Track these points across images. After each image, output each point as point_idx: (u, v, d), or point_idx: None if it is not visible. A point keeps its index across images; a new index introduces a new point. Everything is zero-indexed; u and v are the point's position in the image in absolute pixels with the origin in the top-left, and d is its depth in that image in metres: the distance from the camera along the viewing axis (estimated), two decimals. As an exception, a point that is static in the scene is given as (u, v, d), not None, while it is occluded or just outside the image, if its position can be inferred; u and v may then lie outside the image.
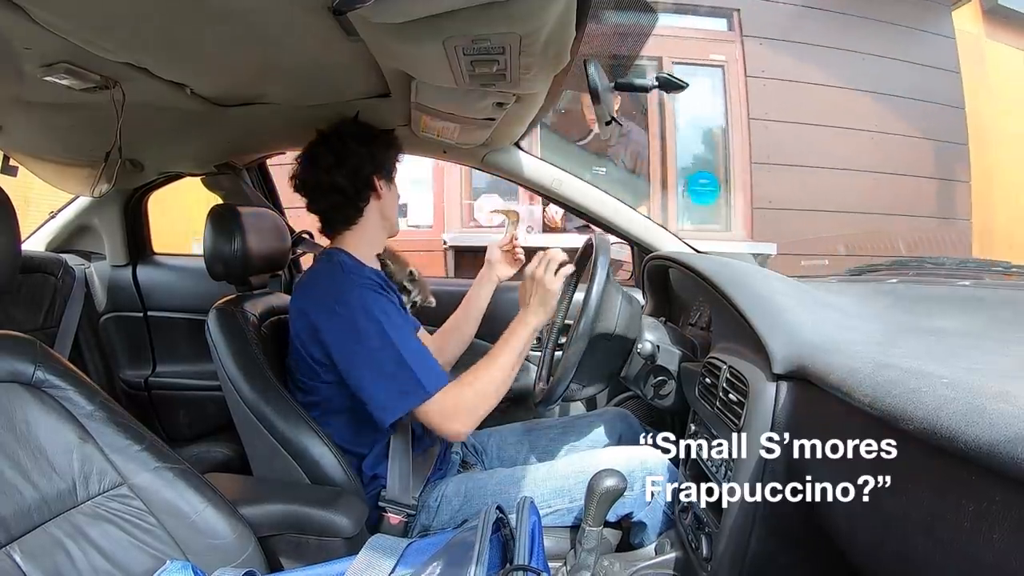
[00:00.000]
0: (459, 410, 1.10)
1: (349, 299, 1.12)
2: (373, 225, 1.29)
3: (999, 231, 3.88)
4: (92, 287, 2.01)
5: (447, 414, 1.09)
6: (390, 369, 1.08)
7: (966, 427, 0.47)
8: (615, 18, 2.04)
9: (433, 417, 1.09)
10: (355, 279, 1.16)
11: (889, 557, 0.60)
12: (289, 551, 1.03)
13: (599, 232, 1.72)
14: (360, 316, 1.11)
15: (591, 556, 1.07)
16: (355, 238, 1.28)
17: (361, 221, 1.27)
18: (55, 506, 0.82)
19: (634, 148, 3.59)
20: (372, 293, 1.14)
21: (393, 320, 1.12)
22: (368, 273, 1.20)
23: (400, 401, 1.08)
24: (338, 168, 1.23)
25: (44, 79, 1.03)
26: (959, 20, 3.85)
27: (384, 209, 1.29)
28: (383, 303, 1.14)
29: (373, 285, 1.16)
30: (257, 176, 2.04)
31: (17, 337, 0.86)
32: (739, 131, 3.67)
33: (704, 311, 1.41)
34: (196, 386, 2.00)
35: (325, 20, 0.85)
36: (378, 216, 1.29)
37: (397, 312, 1.16)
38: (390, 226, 1.33)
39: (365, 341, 1.10)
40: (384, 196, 1.28)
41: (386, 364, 1.09)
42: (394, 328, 1.11)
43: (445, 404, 1.09)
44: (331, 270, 1.20)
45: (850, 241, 3.56)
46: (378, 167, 1.26)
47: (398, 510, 1.17)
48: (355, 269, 1.20)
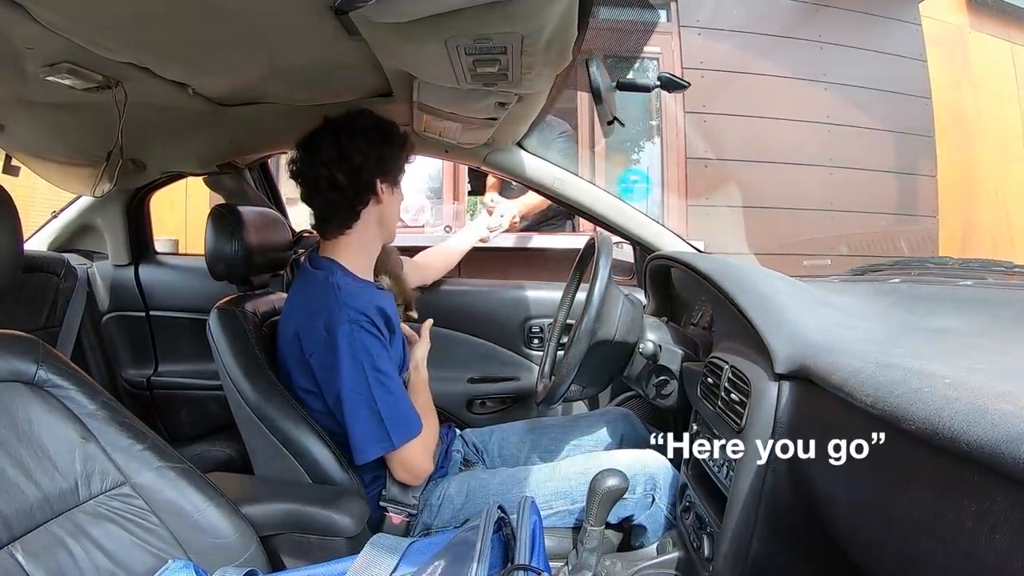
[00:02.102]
0: (428, 451, 1.17)
1: (338, 335, 1.11)
2: (370, 232, 1.24)
3: (984, 229, 3.77)
4: (94, 287, 2.01)
5: (423, 458, 1.16)
6: (364, 413, 1.10)
7: (968, 427, 0.47)
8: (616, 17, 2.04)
9: (411, 460, 1.15)
10: (348, 313, 1.11)
11: (891, 557, 0.60)
12: (291, 550, 1.03)
13: (601, 231, 1.72)
14: (346, 356, 1.10)
15: (593, 556, 1.07)
16: (350, 245, 1.23)
17: (357, 226, 1.22)
18: (57, 505, 0.82)
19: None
20: (361, 331, 1.11)
21: (376, 364, 1.11)
22: (361, 304, 1.14)
23: (369, 446, 1.11)
24: (339, 164, 1.17)
25: (46, 79, 1.03)
26: (942, 10, 3.73)
27: (383, 215, 1.24)
28: (368, 343, 1.11)
29: (364, 321, 1.12)
30: (259, 175, 2.05)
31: (19, 336, 0.86)
32: (672, 125, 3.50)
33: (706, 311, 1.41)
34: (198, 385, 2.01)
35: (327, 20, 0.85)
36: (375, 222, 1.23)
37: (382, 350, 1.13)
38: (388, 234, 1.28)
39: (345, 382, 1.10)
40: (385, 201, 1.22)
41: (361, 409, 1.10)
42: (375, 374, 1.10)
43: (411, 456, 1.14)
44: (325, 293, 1.15)
45: (820, 243, 3.48)
46: (383, 169, 1.21)
47: (399, 509, 1.17)
48: (349, 298, 1.14)
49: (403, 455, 1.13)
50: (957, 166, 3.70)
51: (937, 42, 3.66)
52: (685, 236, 1.76)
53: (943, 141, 3.63)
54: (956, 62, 3.78)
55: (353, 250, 1.23)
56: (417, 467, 1.15)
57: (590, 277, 1.20)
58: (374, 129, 1.20)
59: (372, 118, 1.22)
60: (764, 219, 3.43)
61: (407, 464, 1.14)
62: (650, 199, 3.53)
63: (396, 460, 1.14)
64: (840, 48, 3.51)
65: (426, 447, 1.16)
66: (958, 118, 3.72)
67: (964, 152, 3.74)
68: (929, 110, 3.60)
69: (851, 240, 3.51)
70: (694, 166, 3.45)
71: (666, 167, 3.50)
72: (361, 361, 1.09)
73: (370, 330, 1.12)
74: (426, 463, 1.16)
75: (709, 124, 3.44)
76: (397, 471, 1.15)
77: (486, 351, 1.94)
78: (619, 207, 1.72)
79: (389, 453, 1.12)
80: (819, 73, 3.49)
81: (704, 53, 3.43)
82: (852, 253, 3.50)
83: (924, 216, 3.67)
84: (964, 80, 3.78)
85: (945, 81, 3.68)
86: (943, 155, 3.64)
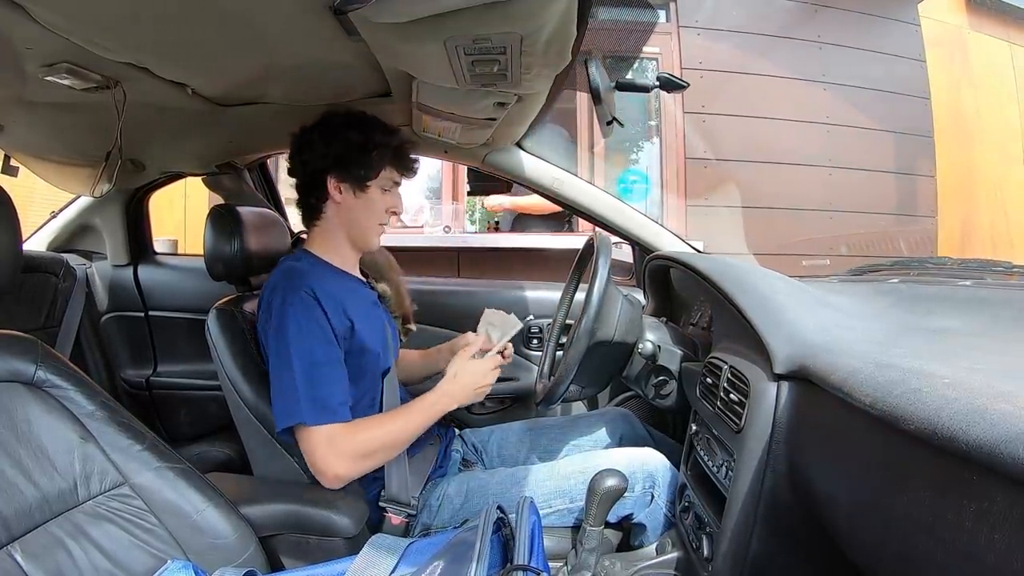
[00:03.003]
0: (344, 452, 1.06)
1: (278, 305, 1.10)
2: (335, 230, 1.23)
3: (983, 229, 3.76)
4: (93, 287, 2.01)
5: (331, 451, 1.05)
6: (284, 385, 1.06)
7: (967, 427, 0.47)
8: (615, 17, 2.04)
9: (316, 448, 1.05)
10: (296, 284, 1.10)
11: (890, 557, 0.60)
12: (290, 551, 1.03)
13: (600, 231, 1.72)
14: (277, 326, 1.08)
15: (592, 556, 1.07)
16: (319, 238, 1.24)
17: (321, 223, 1.23)
18: (56, 505, 0.82)
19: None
20: (299, 305, 1.08)
21: (306, 338, 1.07)
22: (309, 281, 1.11)
23: (283, 417, 1.06)
24: (297, 156, 1.21)
25: (45, 79, 1.03)
26: (940, 10, 3.72)
27: (347, 218, 1.21)
28: (304, 318, 1.08)
29: (303, 294, 1.09)
30: (258, 176, 2.05)
31: (18, 337, 0.86)
32: (671, 125, 3.50)
33: (705, 311, 1.41)
34: (197, 386, 2.01)
35: (326, 20, 0.85)
36: (338, 222, 1.22)
37: (319, 330, 1.09)
38: (356, 237, 1.24)
39: (274, 350, 1.09)
40: (344, 202, 1.20)
41: (283, 379, 1.07)
42: (302, 347, 1.06)
43: (331, 439, 1.05)
44: (285, 273, 1.15)
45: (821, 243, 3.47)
46: (337, 167, 1.18)
47: (398, 509, 1.17)
48: (304, 273, 1.13)
49: (328, 436, 1.05)
50: (956, 166, 3.69)
51: (936, 42, 3.65)
52: (684, 236, 1.76)
53: (942, 141, 3.63)
54: (955, 62, 3.77)
55: (321, 242, 1.24)
56: (320, 460, 1.05)
57: (589, 277, 1.19)
58: (341, 126, 1.19)
59: (346, 118, 1.20)
60: (763, 219, 3.43)
61: (313, 452, 1.05)
62: (649, 199, 3.54)
63: (318, 444, 1.05)
64: (839, 48, 3.51)
65: (350, 450, 1.06)
66: (957, 118, 3.71)
67: (963, 152, 3.73)
68: (928, 110, 3.60)
69: (850, 240, 3.51)
70: (693, 166, 3.45)
71: (665, 167, 3.51)
72: (289, 331, 1.07)
73: (306, 302, 1.09)
74: (337, 463, 1.05)
75: (708, 124, 3.44)
76: (324, 460, 1.05)
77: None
78: (618, 207, 1.73)
79: (308, 432, 1.05)
80: (818, 73, 3.48)
81: (703, 53, 3.43)
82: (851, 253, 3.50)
83: (923, 216, 3.67)
84: (963, 80, 3.77)
85: (944, 81, 3.67)
86: (942, 155, 3.63)
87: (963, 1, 3.87)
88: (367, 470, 1.10)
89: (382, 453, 1.11)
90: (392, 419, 1.13)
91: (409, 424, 1.13)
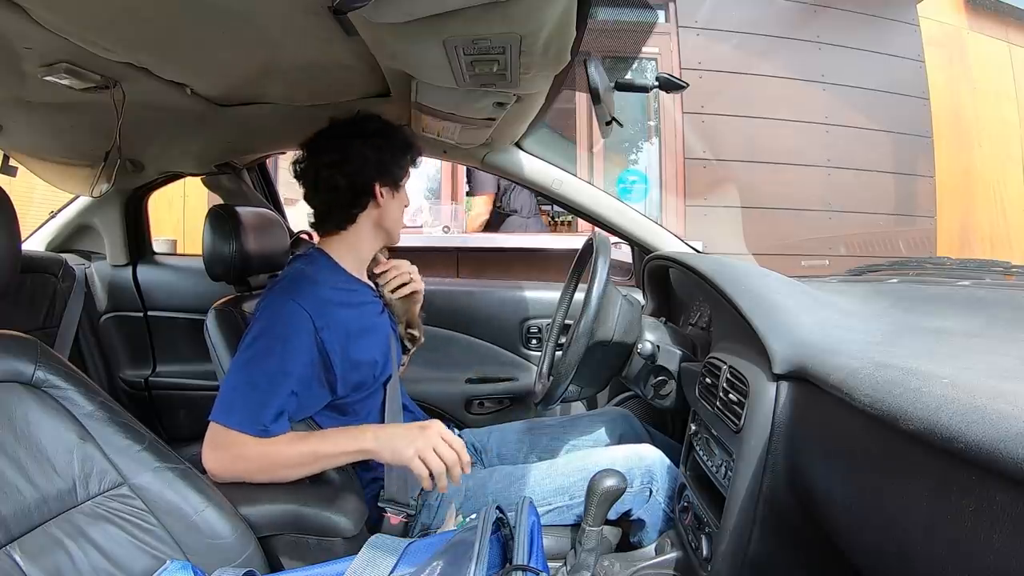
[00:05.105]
0: (231, 453, 1.00)
1: (267, 304, 1.08)
2: (365, 234, 1.23)
3: (981, 229, 3.77)
4: (92, 287, 2.01)
5: (223, 445, 1.00)
6: (229, 381, 1.04)
7: (966, 427, 0.47)
8: (614, 17, 2.04)
9: (214, 436, 1.01)
10: (295, 295, 1.08)
11: (889, 557, 0.60)
12: (289, 551, 1.03)
13: (599, 232, 1.72)
14: (257, 318, 1.07)
15: (591, 556, 1.07)
16: (342, 244, 1.23)
17: (352, 227, 1.22)
18: (55, 506, 0.82)
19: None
20: (285, 314, 1.06)
21: (272, 345, 1.04)
22: (325, 290, 1.11)
23: (215, 410, 1.02)
24: (339, 166, 1.17)
25: (44, 79, 1.03)
26: (939, 11, 3.72)
27: (382, 218, 1.22)
28: (280, 326, 1.05)
29: (297, 309, 1.06)
30: (257, 176, 2.05)
31: (17, 337, 0.86)
32: (670, 125, 3.50)
33: (704, 311, 1.41)
34: (196, 386, 2.01)
35: (325, 20, 0.85)
36: (372, 225, 1.22)
37: (291, 344, 1.05)
38: (386, 236, 1.26)
39: (242, 344, 1.07)
40: (384, 204, 1.21)
41: (232, 374, 1.04)
42: (261, 352, 1.04)
43: (233, 441, 1.00)
44: (293, 279, 1.14)
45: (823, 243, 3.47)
46: (383, 173, 1.19)
47: (397, 509, 1.16)
48: (311, 282, 1.12)
49: (234, 439, 1.00)
50: (955, 166, 3.70)
51: (935, 43, 3.66)
52: (683, 236, 1.76)
53: (941, 142, 3.63)
54: (954, 63, 3.77)
55: (344, 248, 1.23)
56: (209, 455, 1.00)
57: (588, 277, 1.20)
58: (377, 133, 1.20)
59: (378, 122, 1.21)
60: (762, 219, 3.43)
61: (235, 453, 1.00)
62: (648, 199, 3.54)
63: (215, 437, 1.01)
64: (838, 49, 3.52)
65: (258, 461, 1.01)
66: (956, 119, 3.72)
67: (962, 152, 3.74)
68: (927, 111, 3.60)
69: (849, 240, 3.51)
70: (692, 166, 3.46)
71: (664, 167, 3.51)
72: (257, 333, 1.05)
73: (295, 315, 1.06)
74: (232, 464, 1.00)
75: (707, 124, 3.45)
76: (208, 450, 1.01)
77: (484, 351, 1.94)
78: (617, 207, 1.73)
79: (219, 427, 1.01)
80: (817, 74, 3.49)
81: (702, 53, 3.43)
82: (850, 253, 3.50)
83: (922, 216, 3.68)
84: (962, 81, 3.78)
85: (943, 82, 3.67)
86: (941, 156, 3.63)
87: (962, 1, 3.87)
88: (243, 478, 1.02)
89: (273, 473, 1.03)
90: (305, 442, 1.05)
91: (319, 454, 1.04)
